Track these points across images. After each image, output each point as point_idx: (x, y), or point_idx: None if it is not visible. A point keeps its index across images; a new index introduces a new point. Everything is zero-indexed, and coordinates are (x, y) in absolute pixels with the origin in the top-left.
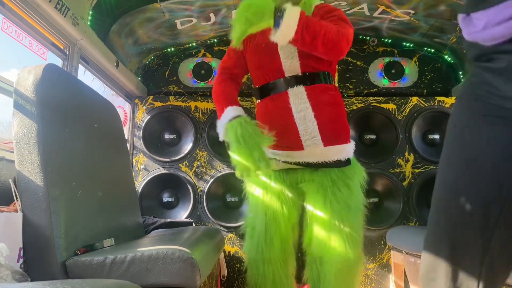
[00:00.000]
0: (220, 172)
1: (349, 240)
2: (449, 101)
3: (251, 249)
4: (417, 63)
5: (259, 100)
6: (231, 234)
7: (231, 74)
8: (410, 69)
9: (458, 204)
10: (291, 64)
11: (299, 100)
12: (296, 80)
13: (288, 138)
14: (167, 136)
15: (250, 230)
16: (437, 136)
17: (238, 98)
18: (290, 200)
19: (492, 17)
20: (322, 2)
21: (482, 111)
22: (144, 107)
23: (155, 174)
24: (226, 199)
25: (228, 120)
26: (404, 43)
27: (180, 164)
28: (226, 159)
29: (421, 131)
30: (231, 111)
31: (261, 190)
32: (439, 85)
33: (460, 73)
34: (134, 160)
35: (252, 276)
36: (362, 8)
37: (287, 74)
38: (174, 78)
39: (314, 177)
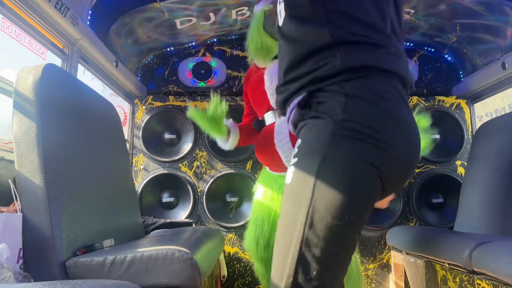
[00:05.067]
0: (220, 172)
1: None
2: (449, 100)
3: (248, 248)
4: (417, 62)
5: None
6: (231, 235)
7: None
8: (410, 68)
9: None
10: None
11: (279, 131)
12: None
13: (276, 165)
14: (167, 136)
15: (248, 230)
16: (437, 136)
17: (239, 97)
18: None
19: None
20: None
21: None
22: (143, 107)
23: (154, 174)
24: (226, 199)
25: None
26: (404, 42)
27: (180, 164)
28: (226, 159)
29: None
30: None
31: (257, 203)
32: (439, 84)
33: (461, 72)
34: (133, 160)
35: (255, 269)
36: None
37: (274, 107)
38: (174, 77)
39: None
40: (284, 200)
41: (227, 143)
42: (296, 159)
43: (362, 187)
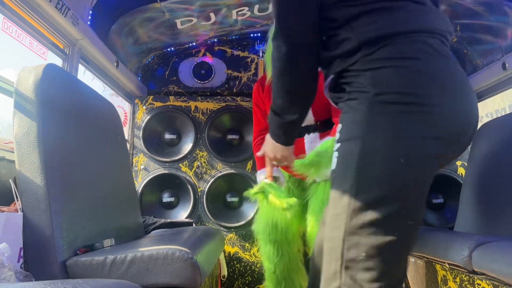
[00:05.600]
0: (220, 172)
1: None
2: None
3: (260, 231)
4: None
5: None
6: (231, 234)
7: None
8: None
9: None
10: (306, 118)
11: (313, 147)
12: (311, 128)
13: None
14: (167, 136)
15: (261, 216)
16: None
17: (239, 98)
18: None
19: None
20: None
21: None
22: (144, 107)
23: (155, 174)
24: (226, 199)
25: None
26: None
27: (180, 164)
28: (226, 160)
29: None
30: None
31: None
32: None
33: None
34: (134, 160)
35: (263, 252)
36: None
37: (303, 124)
38: (174, 78)
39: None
40: (331, 187)
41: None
42: (338, 145)
43: (409, 167)
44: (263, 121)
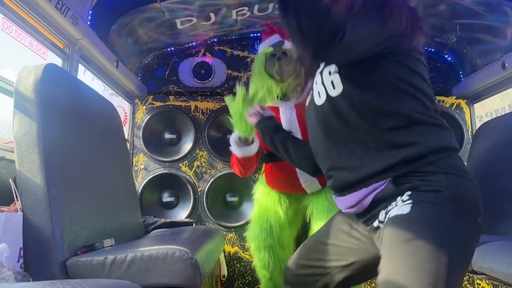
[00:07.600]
0: (221, 172)
1: None
2: (449, 100)
3: (254, 238)
4: None
5: (265, 163)
6: (231, 234)
7: None
8: None
9: None
10: None
11: (303, 173)
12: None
13: (293, 191)
14: (167, 136)
15: (255, 222)
16: None
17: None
18: (288, 203)
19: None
20: None
21: None
22: (144, 107)
23: (155, 174)
24: (226, 199)
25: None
26: None
27: (180, 164)
28: (226, 159)
29: None
30: None
31: (265, 194)
32: (439, 84)
33: (460, 72)
34: (134, 160)
35: (258, 260)
36: None
37: None
38: (174, 77)
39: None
40: (412, 232)
41: (245, 148)
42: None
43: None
44: None
